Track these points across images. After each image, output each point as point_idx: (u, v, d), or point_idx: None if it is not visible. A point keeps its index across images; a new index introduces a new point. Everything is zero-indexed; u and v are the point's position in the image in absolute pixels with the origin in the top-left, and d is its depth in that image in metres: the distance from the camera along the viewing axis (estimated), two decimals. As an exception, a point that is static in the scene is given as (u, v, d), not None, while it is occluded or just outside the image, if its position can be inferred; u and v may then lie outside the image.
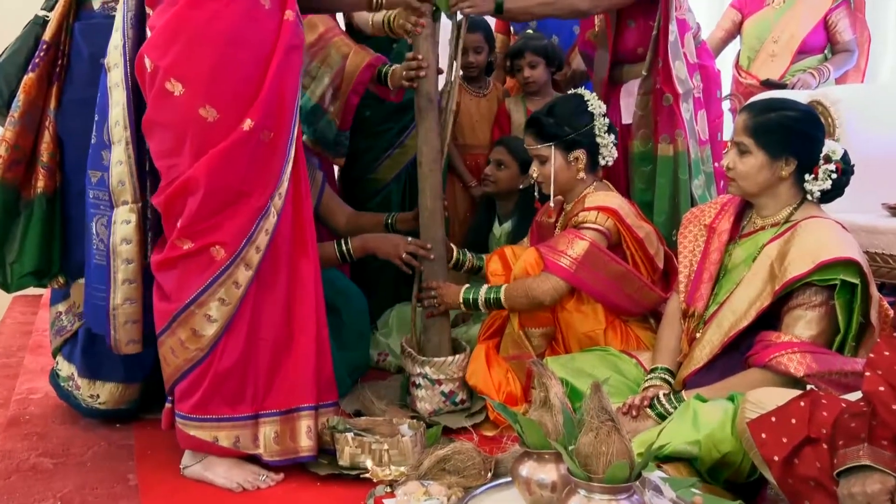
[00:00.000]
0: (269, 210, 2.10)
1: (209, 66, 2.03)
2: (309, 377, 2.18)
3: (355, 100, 2.87)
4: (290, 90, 2.13)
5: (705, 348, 2.18)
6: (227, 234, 2.07)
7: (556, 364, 2.33)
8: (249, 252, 2.09)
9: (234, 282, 2.08)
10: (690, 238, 2.37)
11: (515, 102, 3.53)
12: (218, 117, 2.04)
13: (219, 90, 2.04)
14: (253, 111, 2.05)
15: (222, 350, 2.11)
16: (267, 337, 2.15)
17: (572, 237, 2.47)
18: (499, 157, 3.15)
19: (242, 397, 2.14)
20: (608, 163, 2.61)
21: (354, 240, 2.69)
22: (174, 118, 2.07)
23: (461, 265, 2.76)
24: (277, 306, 2.15)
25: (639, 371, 2.36)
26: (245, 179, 2.07)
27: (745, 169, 2.18)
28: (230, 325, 2.10)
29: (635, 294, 2.49)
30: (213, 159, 2.04)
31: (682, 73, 2.82)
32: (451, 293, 2.57)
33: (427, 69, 2.52)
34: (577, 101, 2.60)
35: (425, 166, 2.57)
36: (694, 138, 2.87)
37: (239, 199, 2.07)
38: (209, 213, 2.06)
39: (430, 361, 2.55)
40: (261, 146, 2.07)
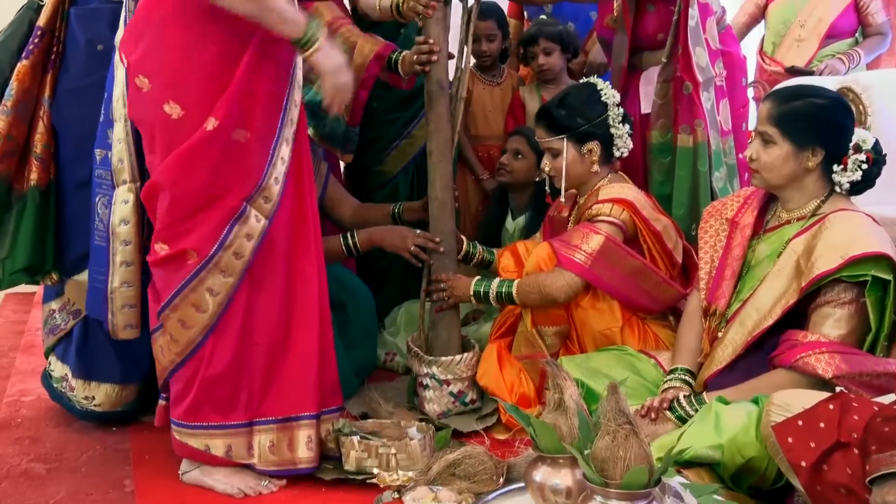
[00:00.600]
0: (244, 213, 2.06)
1: (173, 61, 2.01)
2: (310, 383, 2.16)
3: (364, 94, 2.85)
4: (268, 88, 2.07)
5: (727, 348, 2.16)
6: (199, 239, 2.05)
7: (570, 364, 2.33)
8: (224, 258, 2.06)
9: (207, 288, 2.06)
10: (711, 233, 2.36)
11: (530, 91, 3.53)
12: (182, 115, 2.02)
13: (183, 86, 2.02)
14: (217, 109, 2.00)
15: (209, 355, 2.10)
16: (262, 341, 2.13)
17: (587, 231, 2.46)
18: (516, 147, 3.13)
19: (235, 404, 2.13)
20: (623, 154, 2.61)
21: (361, 233, 2.69)
22: (144, 115, 2.08)
23: (471, 258, 2.76)
24: (274, 309, 2.14)
25: (657, 372, 2.35)
26: (214, 182, 2.04)
27: (769, 160, 2.16)
28: (215, 329, 2.09)
29: (653, 290, 2.49)
30: (176, 160, 2.03)
31: (702, 60, 2.81)
32: (461, 286, 2.57)
33: (438, 54, 2.52)
34: (590, 90, 2.59)
35: (435, 155, 2.57)
36: (715, 128, 2.86)
37: (212, 203, 2.05)
38: (180, 217, 2.06)
39: (437, 361, 2.55)
40: (233, 147, 2.03)
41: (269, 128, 2.06)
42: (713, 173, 2.86)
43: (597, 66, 3.55)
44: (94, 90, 2.31)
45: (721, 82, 2.92)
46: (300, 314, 2.16)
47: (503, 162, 3.15)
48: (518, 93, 3.53)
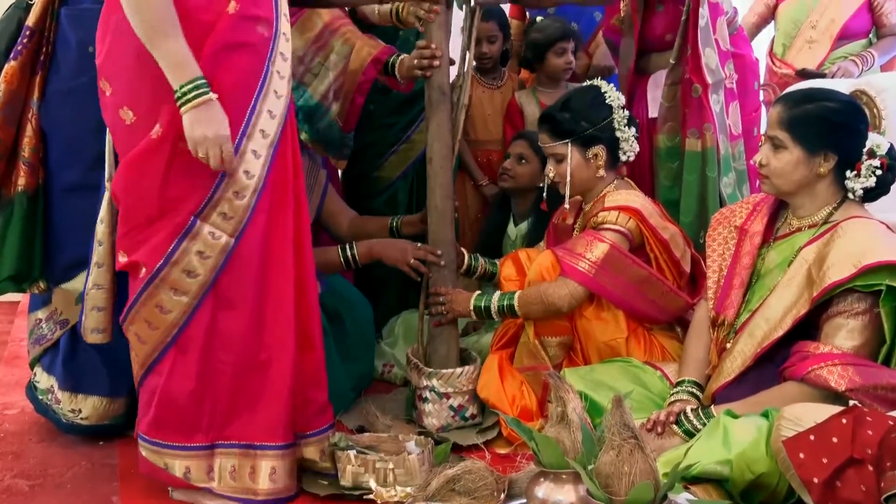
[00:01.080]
0: (192, 229, 2.01)
1: (126, 63, 1.99)
2: (280, 411, 2.10)
3: (360, 100, 2.85)
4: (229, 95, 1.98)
5: (736, 360, 2.16)
6: (147, 252, 2.04)
7: (574, 376, 2.32)
8: (173, 274, 2.02)
9: (157, 305, 2.04)
10: (720, 240, 2.36)
11: (527, 95, 3.53)
12: (134, 120, 2.00)
13: (136, 91, 2.00)
14: (163, 115, 1.96)
15: (168, 371, 2.08)
16: (228, 361, 2.09)
17: (591, 239, 2.46)
18: (520, 152, 3.12)
19: (197, 425, 2.10)
20: (629, 158, 2.61)
21: (360, 245, 2.69)
22: (108, 120, 2.08)
23: (473, 271, 2.75)
24: (243, 331, 2.09)
25: (664, 384, 2.35)
26: (163, 193, 2.00)
27: (779, 165, 2.16)
28: (174, 346, 2.07)
29: (660, 300, 2.48)
30: (125, 168, 2.02)
31: (712, 61, 2.81)
32: (460, 300, 2.57)
33: (440, 59, 2.52)
34: (594, 93, 2.59)
35: (436, 163, 2.57)
36: (724, 133, 2.86)
37: (162, 215, 2.02)
38: (135, 227, 2.05)
39: (437, 373, 2.55)
40: (182, 156, 1.98)
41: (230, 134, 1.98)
42: (722, 179, 2.87)
43: (601, 68, 3.55)
44: (84, 92, 2.29)
45: (731, 85, 2.93)
46: (273, 337, 2.11)
47: (506, 167, 3.14)
48: (514, 99, 3.52)
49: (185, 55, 1.93)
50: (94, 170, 2.30)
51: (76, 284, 2.42)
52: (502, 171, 3.16)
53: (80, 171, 2.38)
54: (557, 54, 3.44)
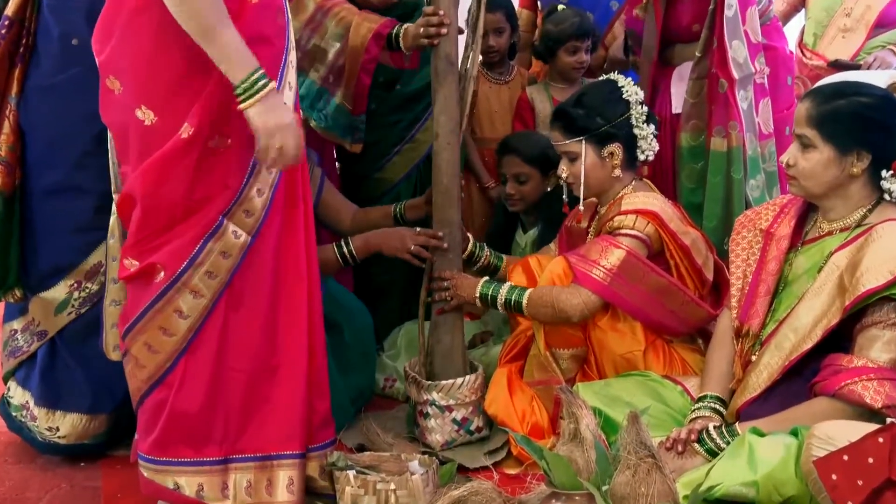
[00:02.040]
0: (221, 228, 2.05)
1: (144, 61, 2.00)
2: (296, 418, 2.14)
3: (367, 79, 2.83)
4: None
5: (762, 373, 2.16)
6: (168, 255, 2.05)
7: (588, 391, 2.33)
8: (195, 278, 2.04)
9: (175, 310, 2.05)
10: (744, 245, 2.36)
11: (539, 90, 3.53)
12: (156, 120, 2.01)
13: (155, 89, 2.00)
14: (193, 115, 1.98)
15: (179, 382, 2.08)
16: (241, 367, 2.11)
17: (606, 245, 2.46)
18: (515, 172, 3.09)
19: (209, 438, 2.11)
20: (648, 158, 2.60)
21: (356, 239, 2.69)
22: (116, 120, 2.08)
23: (476, 260, 2.76)
24: (256, 333, 2.12)
25: (684, 399, 2.35)
26: (190, 194, 2.03)
27: (808, 166, 2.16)
28: (186, 353, 2.08)
29: (680, 310, 2.48)
30: (147, 170, 2.02)
31: (740, 54, 2.80)
32: (466, 285, 2.57)
33: (448, 27, 2.52)
34: (610, 87, 2.59)
35: (442, 138, 2.56)
36: (752, 131, 2.86)
37: (187, 217, 2.04)
38: (153, 232, 2.05)
39: (437, 385, 2.54)
40: (209, 155, 2.02)
41: (249, 134, 2.01)
42: (748, 181, 2.87)
43: (617, 62, 3.54)
44: (67, 88, 2.31)
45: (762, 80, 2.92)
46: (287, 340, 2.14)
47: (509, 193, 3.12)
48: (525, 94, 3.52)
49: (241, 46, 1.92)
50: (78, 170, 2.32)
51: (56, 293, 2.43)
52: (507, 198, 3.15)
53: (63, 172, 2.38)
54: (569, 52, 3.45)
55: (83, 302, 2.44)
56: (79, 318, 2.45)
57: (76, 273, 2.43)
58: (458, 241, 2.64)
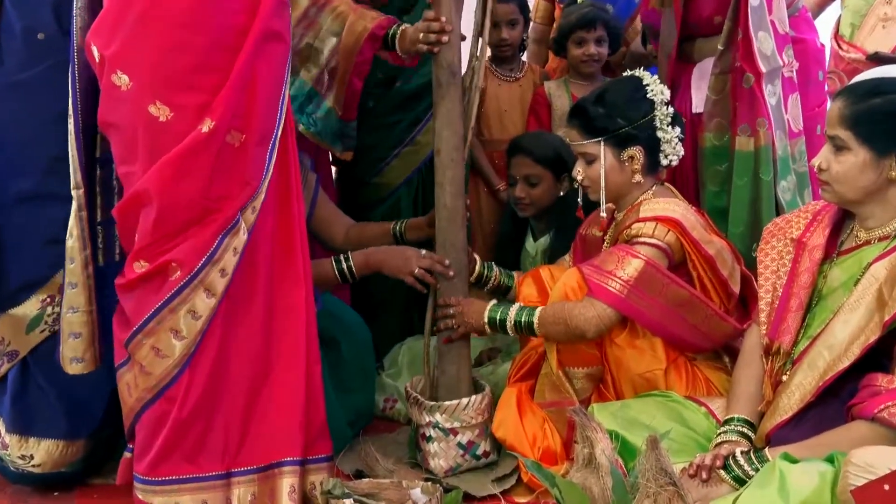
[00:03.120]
0: (237, 225, 2.12)
1: (159, 55, 2.05)
2: (295, 423, 2.20)
3: (358, 83, 2.84)
4: (267, 85, 2.14)
5: (794, 395, 2.15)
6: (184, 252, 2.10)
7: (604, 413, 2.32)
8: (211, 274, 2.11)
9: (190, 310, 2.10)
10: (774, 255, 2.34)
11: (558, 87, 3.54)
12: (172, 116, 2.06)
13: (171, 84, 2.06)
14: (213, 109, 2.06)
15: (184, 393, 2.12)
16: (240, 376, 2.16)
17: (624, 255, 2.45)
18: (526, 173, 3.09)
19: (210, 451, 2.15)
20: (672, 163, 2.60)
21: (357, 255, 2.70)
22: (123, 117, 2.12)
23: (486, 281, 2.76)
24: (254, 339, 2.18)
25: (709, 422, 2.34)
26: (209, 191, 2.09)
27: (842, 170, 2.15)
28: (192, 360, 2.12)
29: (703, 325, 2.47)
30: (165, 168, 2.07)
31: (767, 46, 2.80)
32: (473, 311, 2.57)
33: (450, 34, 2.51)
34: (633, 85, 2.59)
35: (445, 155, 2.56)
36: (782, 129, 2.86)
37: (206, 216, 2.11)
38: (169, 233, 2.10)
39: (440, 406, 2.54)
40: (228, 151, 2.10)
41: (267, 128, 2.13)
42: (779, 183, 2.86)
43: (638, 57, 3.55)
44: (33, 86, 2.32)
45: (791, 74, 2.92)
46: (284, 345, 2.20)
47: (519, 196, 3.11)
48: (542, 89, 3.53)
49: None
50: (50, 176, 2.33)
51: (26, 310, 2.42)
52: (516, 202, 3.15)
53: (34, 179, 2.38)
54: (576, 44, 3.47)
55: (57, 318, 2.42)
56: (52, 335, 2.43)
57: (49, 287, 2.42)
58: (463, 265, 2.64)
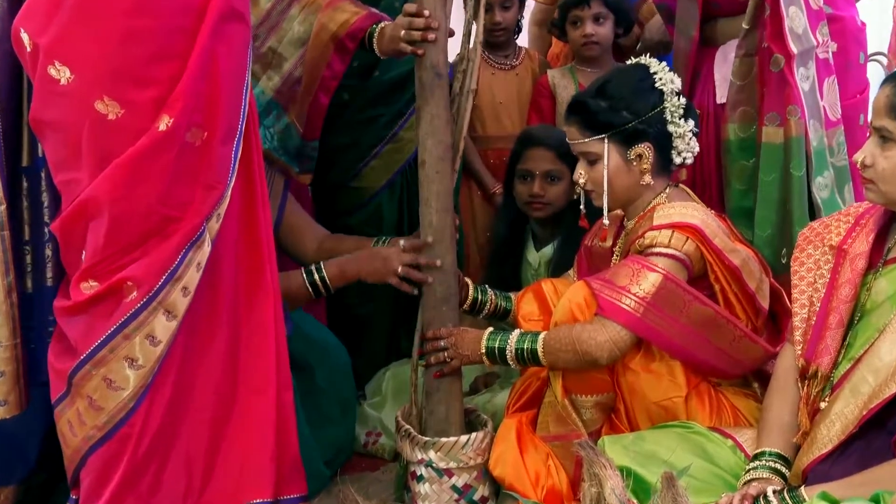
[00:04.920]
0: (202, 236, 2.11)
1: (106, 43, 2.03)
2: (265, 458, 2.21)
3: (325, 99, 2.85)
4: (229, 72, 2.13)
5: (835, 425, 2.12)
6: (142, 269, 2.08)
7: (615, 447, 2.31)
8: (172, 294, 2.09)
9: (148, 335, 2.08)
10: (810, 265, 2.32)
11: (563, 75, 3.55)
12: (122, 113, 2.04)
13: (121, 76, 2.04)
14: (171, 104, 2.04)
15: (140, 429, 2.11)
16: (203, 406, 2.17)
17: (638, 268, 2.42)
18: (547, 168, 3.07)
19: (169, 494, 2.15)
20: (686, 161, 2.58)
21: (330, 265, 2.69)
22: (64, 116, 2.11)
23: (481, 307, 2.75)
24: (218, 364, 2.18)
25: (737, 457, 2.32)
26: (169, 198, 2.08)
27: (889, 166, 2.12)
28: (150, 391, 2.11)
29: (729, 347, 2.44)
30: (117, 172, 2.05)
31: (798, 24, 2.78)
32: (467, 341, 2.54)
33: (437, 32, 2.50)
34: (639, 74, 2.57)
35: (429, 167, 2.54)
36: (816, 118, 2.84)
37: (166, 226, 2.09)
38: (124, 247, 2.09)
39: (435, 443, 2.51)
40: (188, 151, 2.09)
41: (231, 122, 2.13)
42: (813, 179, 2.83)
43: (655, 43, 3.54)
44: None
45: (826, 55, 2.90)
46: (251, 370, 2.22)
47: (537, 193, 3.09)
48: (545, 79, 3.54)
49: None
50: None
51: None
52: (530, 201, 3.12)
53: None
54: (573, 25, 3.47)
55: None
56: None
57: None
58: (453, 291, 2.62)
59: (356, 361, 2.93)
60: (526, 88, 3.53)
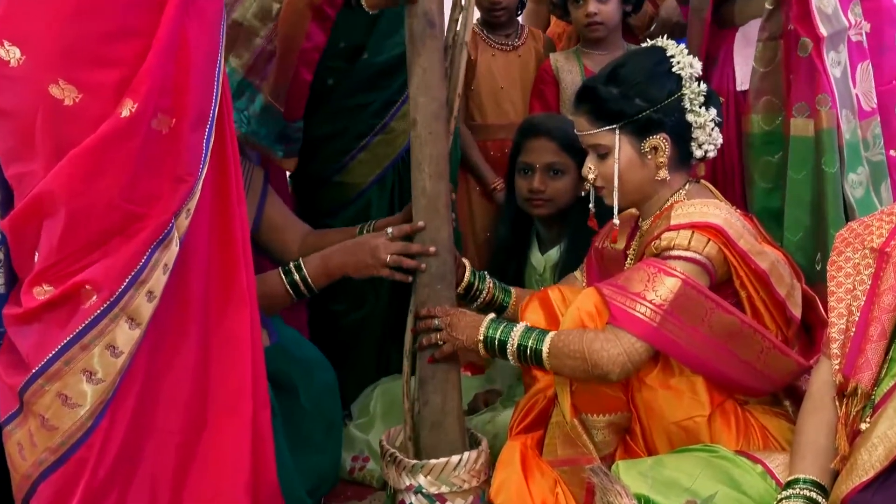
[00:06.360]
0: (170, 234, 2.07)
1: (61, 20, 1.99)
2: (239, 484, 2.18)
3: (307, 75, 2.87)
4: (200, 52, 2.10)
5: (877, 449, 2.04)
6: (102, 271, 2.04)
7: (631, 472, 2.28)
8: (136, 299, 2.05)
9: (108, 345, 2.04)
10: (849, 270, 2.27)
11: (567, 59, 3.56)
12: (81, 99, 2.00)
13: (79, 57, 2.00)
14: (134, 88, 2.00)
15: (99, 450, 2.07)
16: (170, 426, 2.14)
17: (655, 272, 2.38)
18: (549, 161, 3.07)
19: None
20: (707, 154, 2.55)
21: (311, 260, 2.67)
22: (14, 102, 2.06)
23: (476, 294, 2.76)
24: (187, 378, 2.16)
25: (767, 484, 2.26)
26: (133, 192, 2.04)
27: (934, 160, 2.08)
28: (110, 407, 2.08)
29: (758, 362, 2.41)
30: (75, 164, 2.01)
31: (827, 3, 2.76)
32: (464, 325, 2.53)
33: None
34: (655, 58, 2.54)
35: (422, 127, 2.52)
36: (849, 107, 2.82)
37: (130, 223, 2.05)
38: (82, 247, 2.04)
39: (423, 465, 2.49)
40: (154, 139, 2.05)
41: (202, 107, 2.10)
42: (847, 175, 2.82)
43: (672, 24, 3.54)
44: None
45: (860, 38, 2.89)
46: (224, 385, 2.19)
47: (537, 188, 3.09)
48: (548, 63, 3.56)
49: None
50: None
51: None
52: (530, 196, 3.12)
53: None
54: (574, 2, 3.47)
55: None
56: None
57: None
58: (449, 269, 2.60)
59: (342, 377, 2.88)
60: (529, 71, 3.55)
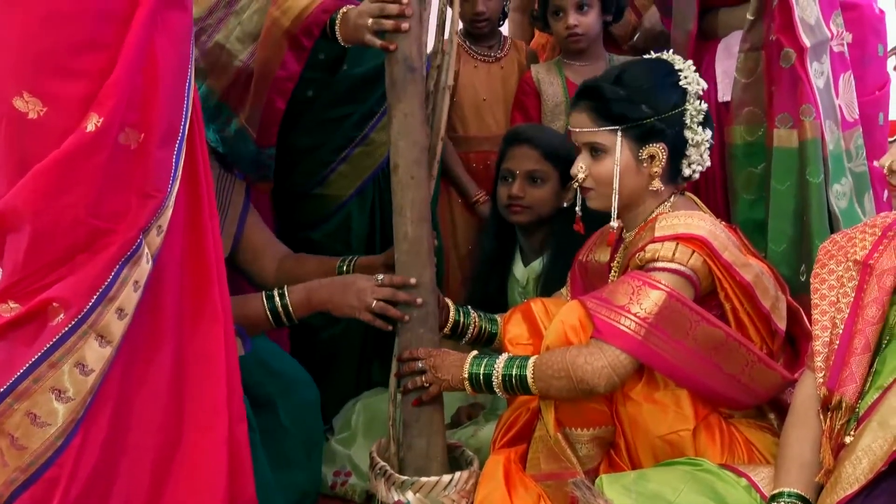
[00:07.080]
0: (139, 250, 2.06)
1: (24, 30, 1.98)
2: (218, 497, 2.17)
3: (280, 104, 2.86)
4: (169, 65, 2.09)
5: (861, 462, 2.06)
6: (69, 287, 2.03)
7: (615, 487, 2.28)
8: (105, 316, 2.04)
9: (77, 363, 2.03)
10: (833, 282, 2.28)
11: (548, 71, 3.56)
12: (45, 112, 1.99)
13: (43, 68, 1.99)
14: (101, 101, 1.99)
15: (72, 468, 2.05)
16: (144, 445, 2.13)
17: (638, 285, 2.39)
18: (530, 168, 3.08)
19: None
20: (694, 174, 2.59)
21: (294, 292, 2.65)
22: None
23: (463, 330, 2.75)
24: (161, 396, 2.14)
25: (752, 498, 2.27)
26: (100, 207, 2.03)
27: (922, 172, 2.11)
28: (81, 426, 2.06)
29: (743, 375, 2.42)
30: (40, 179, 2.00)
31: (810, 13, 2.76)
32: (447, 365, 2.52)
33: (410, 20, 2.48)
34: (664, 69, 2.57)
35: (403, 172, 2.53)
36: (832, 118, 2.83)
37: (96, 239, 2.04)
38: (48, 263, 2.03)
39: (413, 483, 2.49)
40: (122, 154, 2.04)
41: (172, 122, 2.08)
42: (831, 186, 2.82)
43: (656, 33, 3.55)
44: None
45: (842, 48, 2.90)
46: (199, 402, 2.19)
47: (516, 194, 3.09)
48: (529, 75, 3.58)
49: None
50: None
51: None
52: (510, 203, 3.12)
53: None
54: (554, 14, 3.48)
55: None
56: None
57: None
58: (432, 312, 2.61)
59: (322, 391, 2.88)
60: (512, 83, 3.56)
